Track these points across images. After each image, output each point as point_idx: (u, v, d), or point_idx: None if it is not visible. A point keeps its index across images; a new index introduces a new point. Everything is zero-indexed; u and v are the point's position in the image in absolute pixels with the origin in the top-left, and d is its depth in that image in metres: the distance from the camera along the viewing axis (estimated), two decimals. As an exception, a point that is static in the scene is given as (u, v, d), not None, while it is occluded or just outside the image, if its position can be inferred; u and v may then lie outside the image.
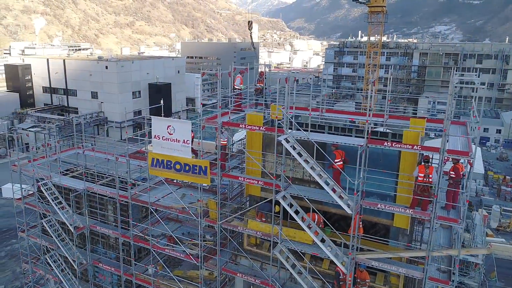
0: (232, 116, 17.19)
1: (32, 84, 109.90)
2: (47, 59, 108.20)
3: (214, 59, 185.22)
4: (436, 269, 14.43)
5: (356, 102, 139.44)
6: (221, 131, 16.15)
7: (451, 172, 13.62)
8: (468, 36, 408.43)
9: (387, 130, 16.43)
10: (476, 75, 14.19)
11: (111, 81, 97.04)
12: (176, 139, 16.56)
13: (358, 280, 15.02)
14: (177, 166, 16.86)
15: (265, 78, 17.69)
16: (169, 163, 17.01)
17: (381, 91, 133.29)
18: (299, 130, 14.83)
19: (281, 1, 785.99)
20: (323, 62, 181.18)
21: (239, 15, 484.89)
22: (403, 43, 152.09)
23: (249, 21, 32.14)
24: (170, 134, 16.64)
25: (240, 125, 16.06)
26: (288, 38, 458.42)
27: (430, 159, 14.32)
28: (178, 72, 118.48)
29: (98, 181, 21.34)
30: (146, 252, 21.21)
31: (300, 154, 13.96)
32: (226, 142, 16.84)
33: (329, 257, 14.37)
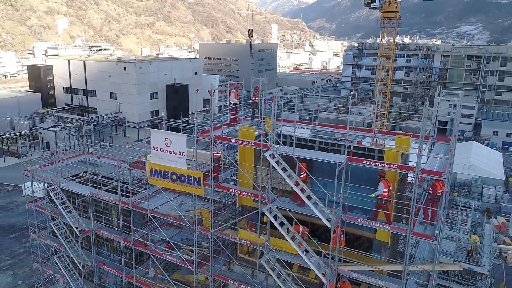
0: (227, 129, 18.19)
1: (54, 85, 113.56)
2: (68, 60, 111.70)
3: (232, 60, 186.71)
4: (414, 283, 15.07)
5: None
6: (214, 144, 17.19)
7: (430, 189, 14.25)
8: (495, 37, 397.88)
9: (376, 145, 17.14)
10: (457, 99, 14.76)
11: (129, 82, 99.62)
12: (173, 151, 17.70)
13: (341, 290, 15.80)
14: (174, 176, 18.00)
15: (261, 91, 18.51)
16: (166, 173, 18.17)
17: (399, 94, 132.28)
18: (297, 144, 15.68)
19: (302, 1, 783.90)
20: (343, 64, 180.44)
21: (259, 15, 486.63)
22: (424, 45, 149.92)
23: (249, 30, 32.90)
24: (167, 146, 17.78)
25: (231, 140, 17.04)
26: (308, 38, 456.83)
27: (385, 174, 14.91)
28: (196, 74, 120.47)
29: (105, 187, 22.67)
30: (147, 256, 22.42)
31: (284, 169, 14.84)
32: (220, 155, 17.87)
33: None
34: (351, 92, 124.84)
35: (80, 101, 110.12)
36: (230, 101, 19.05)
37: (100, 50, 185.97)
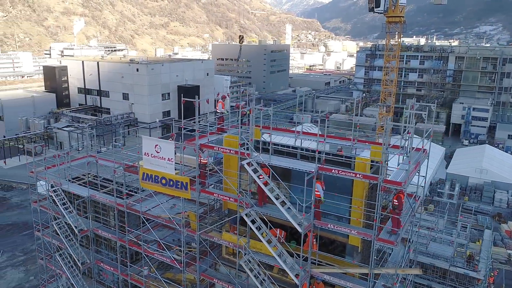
0: (214, 137, 19.45)
1: (68, 85, 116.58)
2: (82, 61, 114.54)
3: (245, 61, 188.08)
4: (382, 285, 16.06)
5: (387, 106, 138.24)
6: (201, 150, 18.48)
7: (394, 200, 15.24)
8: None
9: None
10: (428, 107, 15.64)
11: (142, 83, 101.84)
12: (162, 157, 19.06)
13: (316, 290, 16.91)
14: (163, 181, 19.38)
15: (249, 100, 19.67)
16: (156, 177, 19.55)
17: (412, 96, 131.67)
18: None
19: (317, 0, 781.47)
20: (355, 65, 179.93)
21: (273, 15, 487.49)
22: (438, 46, 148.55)
23: (240, 35, 34.33)
24: (157, 152, 19.16)
25: (214, 148, 18.30)
26: (323, 38, 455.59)
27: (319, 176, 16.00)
28: (207, 75, 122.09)
29: (104, 189, 24.20)
30: (142, 255, 23.84)
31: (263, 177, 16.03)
32: (206, 161, 19.14)
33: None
34: (356, 98, 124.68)
35: (94, 101, 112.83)
36: (218, 110, 20.29)
37: (115, 50, 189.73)
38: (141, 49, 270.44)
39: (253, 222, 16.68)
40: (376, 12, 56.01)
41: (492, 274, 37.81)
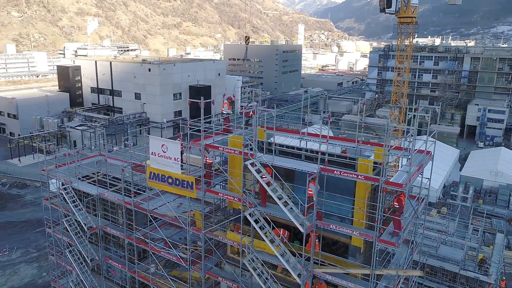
0: (220, 138, 19.84)
1: (81, 85, 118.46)
2: (95, 61, 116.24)
3: (256, 61, 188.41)
4: (384, 286, 16.23)
5: (399, 107, 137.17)
6: (207, 151, 18.89)
7: (395, 203, 15.40)
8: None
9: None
10: (431, 109, 15.71)
11: (153, 83, 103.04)
12: (169, 157, 19.52)
13: (319, 291, 17.17)
14: (170, 180, 19.85)
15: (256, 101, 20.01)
16: (163, 176, 20.03)
17: (427, 97, 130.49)
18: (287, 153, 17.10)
19: (330, 0, 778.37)
20: (368, 66, 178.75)
21: (286, 15, 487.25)
22: (453, 46, 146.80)
23: (246, 36, 34.90)
24: (164, 152, 19.64)
25: (219, 148, 18.69)
26: (336, 38, 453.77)
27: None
28: (219, 75, 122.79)
29: (113, 187, 24.78)
30: (149, 253, 24.37)
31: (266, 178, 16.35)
32: (212, 161, 19.55)
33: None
34: (360, 99, 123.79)
35: (106, 101, 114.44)
36: (223, 111, 20.68)
37: (128, 50, 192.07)
38: (153, 49, 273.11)
39: (256, 221, 17.01)
40: (388, 13, 55.69)
41: (504, 278, 37.47)
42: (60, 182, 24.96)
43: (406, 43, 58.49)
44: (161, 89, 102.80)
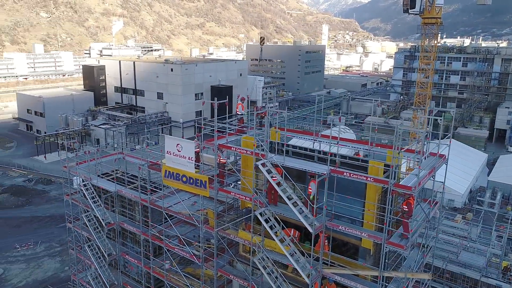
0: (233, 138, 20.33)
1: (106, 84, 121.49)
2: (119, 61, 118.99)
3: (279, 61, 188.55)
4: (393, 289, 16.34)
5: (422, 110, 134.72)
6: (221, 151, 19.42)
7: (404, 207, 15.50)
8: None
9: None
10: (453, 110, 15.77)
11: (176, 83, 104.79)
12: (183, 156, 20.14)
13: (328, 291, 17.44)
14: (184, 179, 20.47)
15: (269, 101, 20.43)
16: (177, 175, 20.68)
17: (454, 99, 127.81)
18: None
19: (356, 0, 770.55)
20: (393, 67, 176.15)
21: (310, 15, 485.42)
22: (482, 47, 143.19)
23: (261, 37, 35.24)
24: (179, 151, 20.27)
25: (232, 148, 19.16)
26: (361, 39, 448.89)
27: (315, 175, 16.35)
28: (240, 75, 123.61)
29: (131, 185, 25.69)
30: (164, 249, 25.10)
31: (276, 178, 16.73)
32: (225, 161, 20.06)
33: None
34: (374, 100, 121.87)
35: (130, 100, 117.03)
36: (237, 112, 21.16)
37: (151, 50, 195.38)
38: (177, 49, 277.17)
39: (267, 221, 17.39)
40: (411, 13, 55.00)
41: None
42: (81, 179, 26.01)
43: (431, 44, 57.53)
44: (183, 89, 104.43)
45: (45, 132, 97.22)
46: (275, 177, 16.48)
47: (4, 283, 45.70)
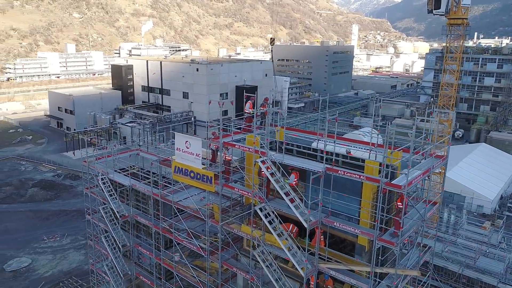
0: (239, 136, 21.41)
1: (133, 83, 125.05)
2: (147, 61, 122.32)
3: (306, 62, 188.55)
4: (386, 285, 16.93)
5: (457, 112, 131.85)
6: (226, 148, 20.55)
7: (398, 203, 16.09)
8: None
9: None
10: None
11: (201, 82, 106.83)
12: (191, 152, 21.39)
13: (325, 286, 18.23)
14: (192, 174, 21.72)
15: (269, 103, 21.35)
16: (186, 171, 21.95)
17: (488, 102, 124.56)
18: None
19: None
20: (424, 68, 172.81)
21: (340, 15, 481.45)
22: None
23: (271, 38, 36.62)
24: (187, 148, 21.54)
25: (236, 145, 20.22)
26: (393, 39, 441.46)
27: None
28: (266, 75, 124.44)
29: (146, 180, 27.18)
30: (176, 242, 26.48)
31: (274, 174, 17.69)
32: (230, 158, 21.16)
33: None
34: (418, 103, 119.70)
35: (156, 99, 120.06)
36: (246, 111, 22.20)
37: (179, 50, 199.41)
38: (204, 49, 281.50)
39: (267, 216, 18.35)
40: (436, 14, 54.41)
41: None
42: (100, 173, 27.76)
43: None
44: (208, 89, 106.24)
45: (74, 129, 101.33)
46: (273, 173, 17.43)
47: (32, 272, 48.48)
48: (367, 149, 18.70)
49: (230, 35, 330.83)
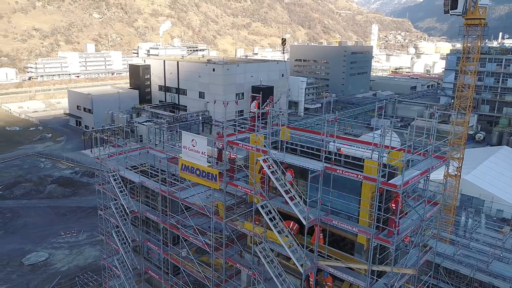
0: (243, 136, 22.05)
1: (150, 83, 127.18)
2: (164, 61, 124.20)
3: (323, 62, 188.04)
4: (383, 283, 17.29)
5: (479, 114, 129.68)
6: (231, 147, 21.22)
7: (392, 205, 16.47)
8: None
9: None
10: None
11: (217, 82, 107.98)
12: (197, 151, 22.13)
13: (324, 283, 18.71)
14: (197, 172, 22.47)
15: (274, 102, 21.91)
16: (192, 168, 22.71)
17: (508, 104, 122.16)
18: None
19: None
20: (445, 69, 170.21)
21: (360, 15, 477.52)
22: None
23: (283, 39, 37.30)
24: (193, 146, 22.29)
25: (239, 144, 20.86)
26: (414, 39, 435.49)
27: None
28: (282, 76, 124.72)
29: (155, 177, 28.07)
30: (183, 239, 27.29)
31: (275, 173, 18.25)
32: (235, 156, 21.82)
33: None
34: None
35: (173, 98, 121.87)
36: (251, 110, 22.83)
37: (196, 50, 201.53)
38: (222, 49, 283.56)
39: (268, 214, 18.93)
40: (453, 14, 53.90)
41: None
42: (112, 170, 28.79)
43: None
44: (224, 89, 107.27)
45: (93, 128, 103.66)
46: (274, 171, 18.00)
47: (48, 266, 50.18)
48: (369, 149, 19.08)
49: (248, 35, 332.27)
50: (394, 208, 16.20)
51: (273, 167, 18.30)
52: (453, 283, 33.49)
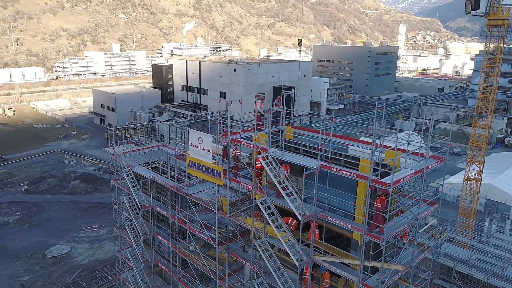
0: (247, 134, 23.04)
1: (173, 82, 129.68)
2: (186, 61, 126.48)
3: (347, 63, 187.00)
4: (376, 279, 17.90)
5: (509, 117, 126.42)
6: (235, 145, 22.23)
7: (377, 204, 17.10)
8: None
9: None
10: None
11: (238, 82, 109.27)
12: (203, 148, 23.25)
13: (322, 279, 19.50)
14: (203, 168, 23.59)
15: (283, 102, 22.79)
16: (199, 165, 23.85)
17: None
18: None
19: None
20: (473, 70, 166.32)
21: (387, 14, 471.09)
22: None
23: (299, 39, 37.99)
24: (200, 143, 23.43)
25: (242, 142, 21.84)
26: (444, 40, 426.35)
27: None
28: (304, 76, 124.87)
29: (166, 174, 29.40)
30: (192, 233, 28.49)
31: (273, 170, 19.17)
32: (238, 153, 22.83)
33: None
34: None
35: (194, 98, 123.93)
36: (256, 109, 23.76)
37: (219, 50, 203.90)
38: (245, 50, 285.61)
39: (267, 209, 19.84)
40: (475, 15, 53.32)
41: None
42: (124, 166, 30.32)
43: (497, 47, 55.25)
44: (245, 89, 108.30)
45: (116, 126, 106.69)
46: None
47: (70, 259, 52.51)
48: (368, 149, 19.71)
49: (272, 35, 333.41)
50: (380, 206, 16.85)
51: (272, 165, 19.18)
52: (467, 287, 33.48)
